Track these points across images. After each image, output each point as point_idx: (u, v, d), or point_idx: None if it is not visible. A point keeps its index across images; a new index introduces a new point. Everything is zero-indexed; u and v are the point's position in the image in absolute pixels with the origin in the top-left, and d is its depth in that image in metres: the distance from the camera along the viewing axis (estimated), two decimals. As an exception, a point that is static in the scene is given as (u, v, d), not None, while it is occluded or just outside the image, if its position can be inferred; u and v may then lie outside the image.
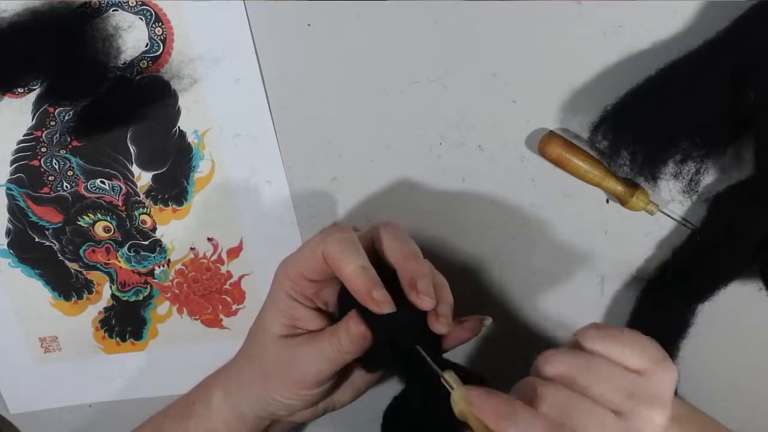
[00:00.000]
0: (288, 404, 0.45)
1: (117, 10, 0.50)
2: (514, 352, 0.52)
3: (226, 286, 0.56)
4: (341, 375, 0.46)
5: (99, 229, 0.55)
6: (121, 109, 0.52)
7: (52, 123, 0.53)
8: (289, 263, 0.45)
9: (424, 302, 0.41)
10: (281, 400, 0.45)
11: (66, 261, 0.56)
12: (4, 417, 0.62)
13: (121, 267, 0.56)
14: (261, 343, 0.46)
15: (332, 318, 0.46)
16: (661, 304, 0.50)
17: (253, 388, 0.46)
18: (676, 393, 0.52)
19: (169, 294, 0.57)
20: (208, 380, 0.50)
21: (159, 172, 0.53)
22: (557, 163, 0.49)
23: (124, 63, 0.50)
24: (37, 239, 0.56)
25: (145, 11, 0.49)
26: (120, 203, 0.54)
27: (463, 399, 0.37)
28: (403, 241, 0.44)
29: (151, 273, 0.56)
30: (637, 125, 0.46)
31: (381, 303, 0.40)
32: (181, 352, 0.58)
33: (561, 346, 0.41)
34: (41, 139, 0.53)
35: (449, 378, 0.39)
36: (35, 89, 0.52)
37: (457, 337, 0.44)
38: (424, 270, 0.43)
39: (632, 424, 0.36)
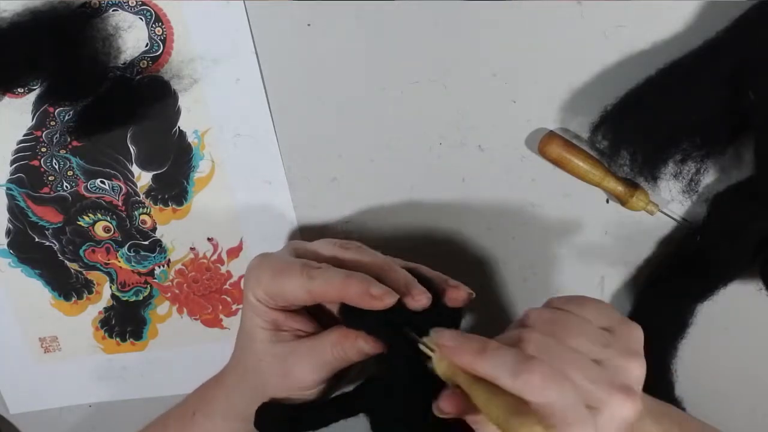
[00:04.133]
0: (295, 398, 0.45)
1: (117, 10, 0.50)
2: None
3: (226, 286, 0.56)
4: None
5: (99, 229, 0.55)
6: (121, 109, 0.51)
7: (52, 123, 0.53)
8: (260, 272, 0.43)
9: (420, 302, 0.41)
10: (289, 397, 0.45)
11: (66, 261, 0.56)
12: (4, 417, 0.62)
13: (121, 267, 0.56)
14: (251, 352, 0.45)
15: (318, 306, 0.45)
16: (661, 304, 0.50)
17: (254, 400, 0.46)
18: (674, 395, 0.52)
19: (169, 294, 0.57)
20: (206, 389, 0.50)
21: (159, 172, 0.53)
22: (557, 163, 0.49)
23: (124, 63, 0.50)
24: (37, 239, 0.56)
25: (145, 11, 0.49)
26: (120, 203, 0.54)
27: (441, 356, 0.36)
28: (373, 255, 0.44)
29: (151, 273, 0.56)
30: (637, 125, 0.46)
31: (383, 296, 0.39)
32: (181, 352, 0.58)
33: None
34: (41, 139, 0.53)
35: (429, 341, 0.37)
36: (35, 89, 0.52)
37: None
38: (403, 273, 0.42)
39: (612, 373, 0.36)
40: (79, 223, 0.55)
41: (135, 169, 0.53)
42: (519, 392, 0.33)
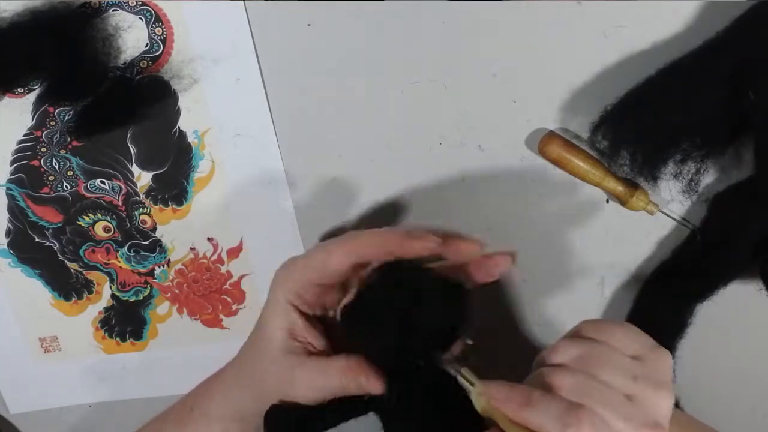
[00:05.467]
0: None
1: (117, 10, 0.50)
2: (515, 352, 0.52)
3: (226, 286, 0.56)
4: None
5: (99, 229, 0.55)
6: (121, 109, 0.52)
7: (52, 123, 0.53)
8: (293, 267, 0.44)
9: (426, 245, 0.41)
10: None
11: (66, 261, 0.56)
12: (4, 417, 0.62)
13: (121, 267, 0.56)
14: (264, 357, 0.45)
15: (330, 325, 0.45)
16: (661, 304, 0.50)
17: (254, 403, 0.46)
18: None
19: (169, 294, 0.57)
20: (206, 386, 0.50)
21: (159, 172, 0.53)
22: (557, 163, 0.49)
23: (124, 63, 0.50)
24: (37, 239, 0.56)
25: (145, 11, 0.49)
26: (120, 203, 0.54)
27: (483, 394, 0.37)
28: (379, 234, 0.43)
29: (151, 273, 0.56)
30: (637, 125, 0.46)
31: (423, 239, 0.41)
32: (181, 352, 0.58)
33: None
34: (41, 139, 0.53)
35: (467, 374, 0.38)
36: (35, 89, 0.52)
37: (487, 272, 0.44)
38: (403, 235, 0.42)
39: (644, 410, 0.37)
40: (79, 223, 0.55)
41: (135, 169, 0.53)
42: None
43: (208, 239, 0.55)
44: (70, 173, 0.54)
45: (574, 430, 0.34)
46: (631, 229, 0.51)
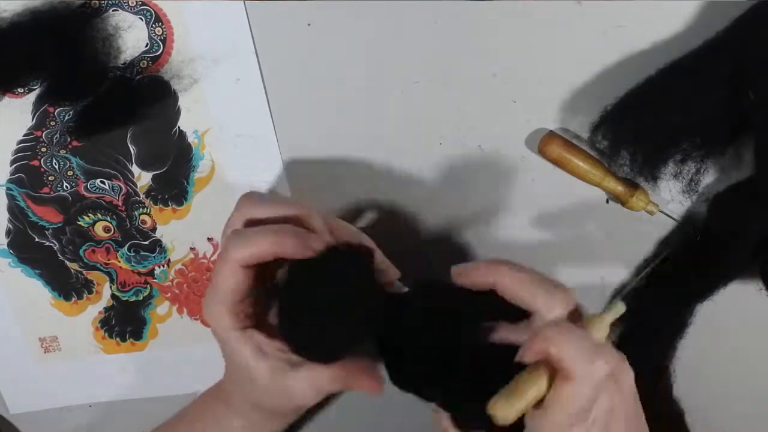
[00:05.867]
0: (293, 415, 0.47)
1: (117, 10, 0.49)
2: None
3: (226, 286, 0.56)
4: None
5: (99, 229, 0.55)
6: (121, 109, 0.51)
7: (52, 123, 0.53)
8: (212, 306, 0.43)
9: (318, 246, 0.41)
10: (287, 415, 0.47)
11: (66, 261, 0.56)
12: (4, 417, 0.62)
13: (121, 267, 0.56)
14: (245, 377, 0.44)
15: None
16: (661, 304, 0.50)
17: (255, 412, 0.47)
18: (673, 396, 0.52)
19: (169, 294, 0.57)
20: (208, 398, 0.51)
21: (159, 172, 0.53)
22: (557, 163, 0.49)
23: (124, 63, 0.50)
24: (37, 239, 0.56)
25: (145, 11, 0.49)
26: (120, 203, 0.54)
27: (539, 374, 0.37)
28: (273, 234, 0.42)
29: (151, 273, 0.56)
30: (637, 125, 0.46)
31: (314, 240, 0.41)
32: (181, 352, 0.58)
33: None
34: (41, 139, 0.53)
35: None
36: (35, 89, 0.52)
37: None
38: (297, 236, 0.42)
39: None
40: (79, 223, 0.55)
41: (135, 169, 0.53)
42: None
43: (208, 239, 0.55)
44: (70, 173, 0.54)
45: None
46: (631, 229, 0.51)
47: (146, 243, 0.55)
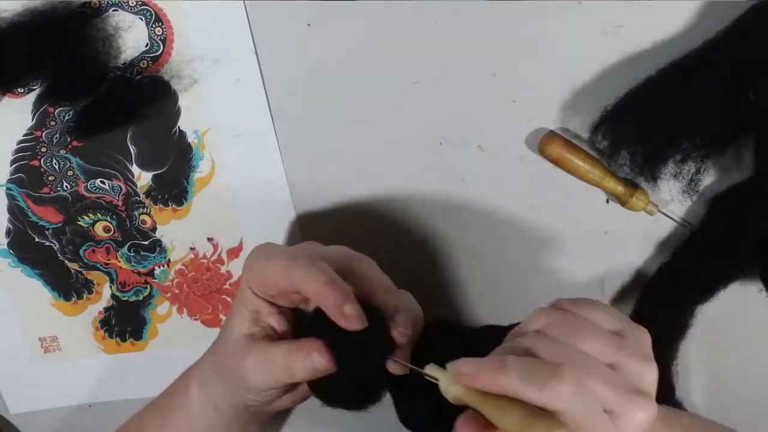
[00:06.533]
0: (252, 398, 0.45)
1: (117, 10, 0.50)
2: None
3: (226, 286, 0.56)
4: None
5: (99, 229, 0.55)
6: (121, 109, 0.52)
7: (52, 123, 0.53)
8: (255, 269, 0.43)
9: (402, 335, 0.40)
10: (246, 395, 0.45)
11: (66, 261, 0.56)
12: (4, 417, 0.62)
13: (121, 267, 0.56)
14: (226, 338, 0.45)
15: (295, 316, 0.45)
16: (661, 305, 0.50)
17: (219, 384, 0.46)
18: (675, 397, 0.52)
19: (169, 294, 0.57)
20: (186, 372, 0.51)
21: (159, 172, 0.53)
22: (557, 163, 0.49)
23: (124, 63, 0.50)
24: (37, 239, 0.56)
25: (145, 11, 0.49)
26: (120, 203, 0.54)
27: (451, 378, 0.34)
28: (384, 275, 0.44)
29: (151, 273, 0.56)
30: (637, 125, 0.46)
31: (351, 318, 0.39)
32: (181, 352, 0.58)
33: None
34: (41, 139, 0.53)
35: (431, 370, 0.36)
36: (35, 89, 0.52)
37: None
38: (406, 304, 0.42)
39: (628, 377, 0.35)
40: (79, 223, 0.55)
41: (135, 169, 0.53)
42: (544, 403, 0.32)
43: (208, 239, 0.55)
44: (70, 173, 0.54)
45: (554, 383, 0.31)
46: (631, 229, 0.51)
47: (146, 243, 0.55)
